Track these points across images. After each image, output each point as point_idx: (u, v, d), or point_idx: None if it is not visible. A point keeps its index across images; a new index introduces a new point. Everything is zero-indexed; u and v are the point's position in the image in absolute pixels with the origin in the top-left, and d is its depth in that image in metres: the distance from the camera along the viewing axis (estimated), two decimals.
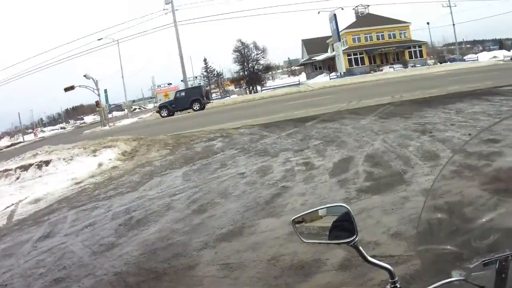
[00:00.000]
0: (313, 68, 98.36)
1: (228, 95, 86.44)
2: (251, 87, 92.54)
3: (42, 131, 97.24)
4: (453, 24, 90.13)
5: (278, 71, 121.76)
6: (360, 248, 2.02)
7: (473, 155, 2.62)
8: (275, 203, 9.27)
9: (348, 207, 2.11)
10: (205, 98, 52.69)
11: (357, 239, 2.02)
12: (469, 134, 12.32)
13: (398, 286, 2.00)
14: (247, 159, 14.13)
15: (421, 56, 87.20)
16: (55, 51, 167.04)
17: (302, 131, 17.74)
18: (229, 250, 7.17)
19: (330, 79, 75.33)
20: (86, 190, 13.99)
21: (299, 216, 2.22)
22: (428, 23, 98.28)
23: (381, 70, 77.48)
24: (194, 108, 51.93)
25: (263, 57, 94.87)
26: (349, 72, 76.03)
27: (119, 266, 7.34)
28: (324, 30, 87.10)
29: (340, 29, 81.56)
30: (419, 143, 12.32)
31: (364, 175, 10.19)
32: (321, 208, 2.22)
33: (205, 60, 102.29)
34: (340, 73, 76.37)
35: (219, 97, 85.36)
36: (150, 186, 12.87)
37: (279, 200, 9.42)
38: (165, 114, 52.05)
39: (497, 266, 1.94)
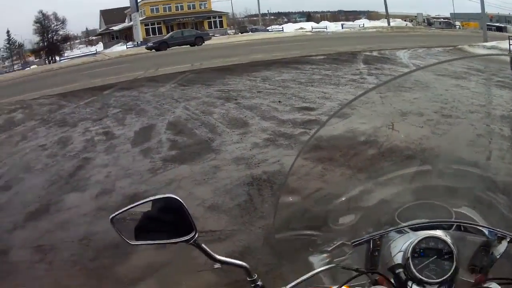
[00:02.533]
0: (110, 38, 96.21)
1: (28, 66, 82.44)
2: (50, 58, 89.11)
3: None
4: None
5: (77, 41, 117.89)
6: (204, 245, 1.68)
7: (327, 138, 2.26)
8: (78, 176, 8.73)
9: (179, 199, 1.70)
10: None
11: (196, 235, 1.67)
12: (279, 102, 12.31)
13: (260, 284, 1.72)
14: (47, 130, 13.23)
15: (222, 26, 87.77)
16: None
17: (100, 99, 17.03)
18: (39, 231, 6.56)
19: (127, 48, 73.87)
20: None
21: (119, 213, 1.76)
22: None
23: None
24: None
25: (62, 28, 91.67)
26: (146, 42, 74.99)
27: None
28: (123, 1, 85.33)
29: (138, 0, 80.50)
30: (224, 110, 12.17)
31: (168, 144, 9.87)
32: (146, 202, 1.74)
33: (8, 32, 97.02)
34: (137, 42, 75.02)
35: (20, 68, 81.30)
36: None
37: (82, 172, 8.90)
38: None
39: (371, 246, 1.89)
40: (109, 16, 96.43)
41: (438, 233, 1.86)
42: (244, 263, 1.69)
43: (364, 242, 1.89)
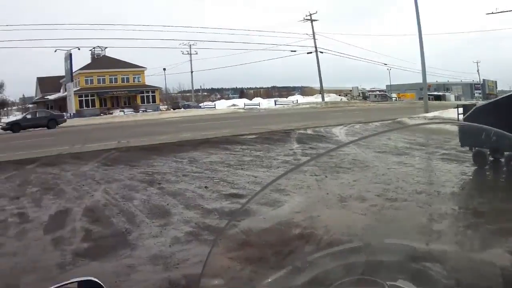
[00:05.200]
0: (45, 107, 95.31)
1: None
2: None
3: None
4: (191, 72, 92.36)
5: (14, 107, 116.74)
6: None
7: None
8: None
9: (100, 282, 1.75)
10: None
11: None
12: (205, 187, 12.00)
13: None
14: None
15: (154, 101, 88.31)
16: None
17: (21, 175, 16.29)
18: None
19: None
20: None
21: None
22: (164, 69, 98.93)
23: (111, 114, 77.15)
24: None
25: (0, 93, 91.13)
26: (79, 114, 74.66)
27: None
28: (60, 69, 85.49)
29: (75, 70, 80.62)
30: (146, 196, 11.71)
31: (82, 233, 9.21)
32: (67, 284, 1.75)
33: None
34: (70, 114, 74.48)
35: None
36: None
37: None
38: None
39: None
40: (45, 84, 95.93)
41: None
42: None
43: None
